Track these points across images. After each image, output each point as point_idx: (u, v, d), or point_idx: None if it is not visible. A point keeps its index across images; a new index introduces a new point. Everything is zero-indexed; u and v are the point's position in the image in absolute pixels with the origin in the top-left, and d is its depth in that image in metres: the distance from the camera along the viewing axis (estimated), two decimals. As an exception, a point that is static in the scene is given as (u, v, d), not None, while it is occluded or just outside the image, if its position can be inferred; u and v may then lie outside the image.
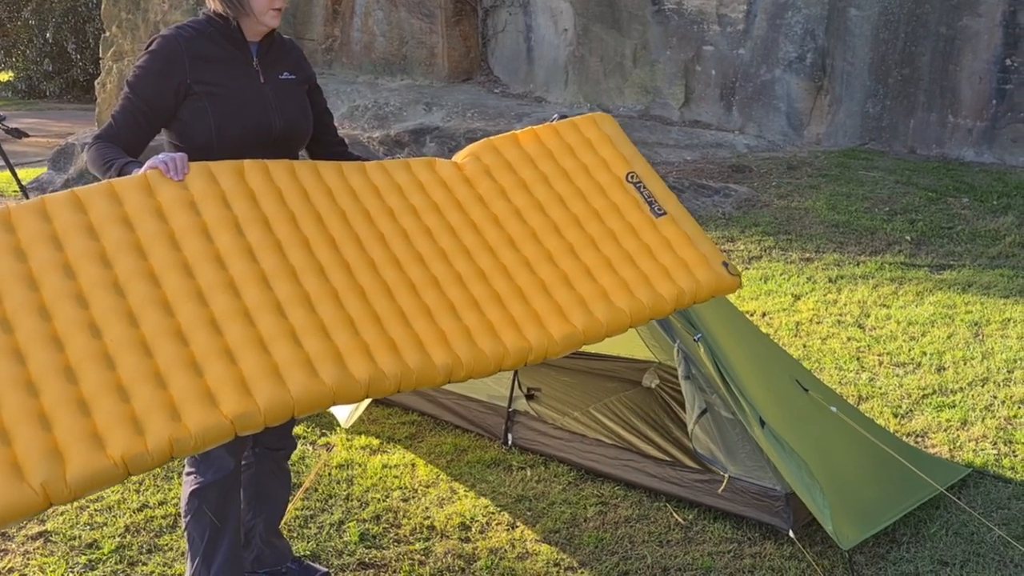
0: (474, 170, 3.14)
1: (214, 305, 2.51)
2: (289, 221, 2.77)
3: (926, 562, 3.58)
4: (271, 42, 3.07)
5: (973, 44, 9.73)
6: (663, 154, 10.34)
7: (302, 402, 2.39)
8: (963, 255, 7.53)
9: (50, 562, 3.57)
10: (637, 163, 3.28)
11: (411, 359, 2.56)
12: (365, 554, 3.64)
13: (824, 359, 5.53)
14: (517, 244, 2.99)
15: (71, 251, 2.53)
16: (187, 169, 2.73)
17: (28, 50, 23.30)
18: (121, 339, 2.38)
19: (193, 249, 2.61)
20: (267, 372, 2.40)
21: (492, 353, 2.69)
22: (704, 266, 3.06)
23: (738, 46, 10.93)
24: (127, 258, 2.54)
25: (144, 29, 13.48)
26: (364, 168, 3.02)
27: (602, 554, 3.65)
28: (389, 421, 4.75)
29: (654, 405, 4.47)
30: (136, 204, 2.66)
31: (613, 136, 3.33)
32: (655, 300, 2.94)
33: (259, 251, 2.66)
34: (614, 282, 2.95)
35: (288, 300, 2.58)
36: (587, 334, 2.83)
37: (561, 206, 3.11)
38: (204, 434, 2.28)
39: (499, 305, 2.81)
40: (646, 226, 3.11)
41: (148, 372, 2.33)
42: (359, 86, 12.46)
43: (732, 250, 7.75)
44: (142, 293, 2.48)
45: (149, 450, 2.22)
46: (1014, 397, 5.00)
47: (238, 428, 2.32)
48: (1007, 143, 9.78)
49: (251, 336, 2.47)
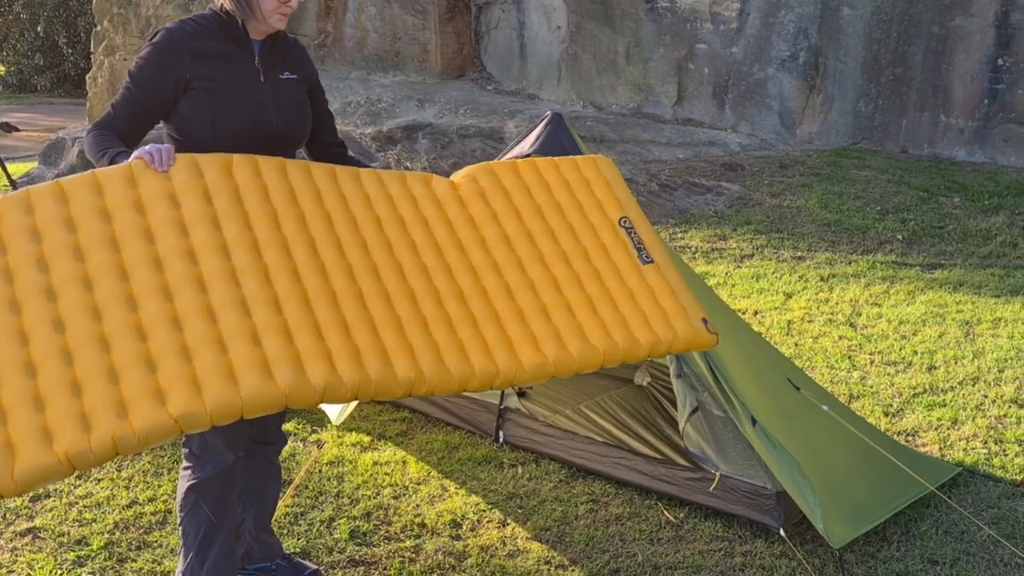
0: (469, 191, 3.15)
1: (179, 301, 2.52)
2: (270, 220, 2.76)
3: (916, 561, 3.58)
4: (275, 41, 3.08)
5: (965, 44, 9.75)
6: (655, 152, 10.34)
7: (251, 404, 2.39)
8: (954, 254, 7.55)
9: (39, 559, 3.55)
10: (631, 209, 3.30)
11: (373, 368, 2.55)
12: (355, 551, 3.63)
13: (815, 357, 5.54)
14: (501, 269, 3.01)
15: (47, 244, 2.55)
16: (172, 161, 2.74)
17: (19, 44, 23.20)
18: (83, 335, 2.40)
19: (167, 243, 2.62)
20: (220, 372, 2.39)
21: (458, 373, 2.70)
22: (683, 319, 3.06)
23: (731, 44, 10.94)
24: (100, 252, 2.56)
25: (136, 24, 13.43)
26: (358, 174, 3.03)
27: (593, 552, 3.65)
28: (380, 418, 4.74)
29: (645, 403, 4.47)
30: (116, 196, 2.67)
31: (611, 180, 3.35)
32: (630, 344, 2.95)
33: (233, 248, 2.66)
34: (592, 321, 2.97)
35: (254, 299, 2.57)
36: (557, 367, 2.84)
37: (550, 239, 3.13)
38: (148, 433, 2.29)
39: (472, 326, 2.82)
40: (631, 271, 3.13)
41: (103, 369, 2.35)
42: (352, 82, 12.44)
43: (724, 248, 7.76)
44: (110, 288, 2.50)
45: (92, 448, 2.24)
46: (1004, 396, 5.01)
47: (183, 427, 2.33)
48: (999, 143, 9.81)
49: (211, 334, 2.47)
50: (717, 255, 7.61)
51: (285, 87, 3.07)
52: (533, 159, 3.38)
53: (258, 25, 2.99)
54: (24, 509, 3.87)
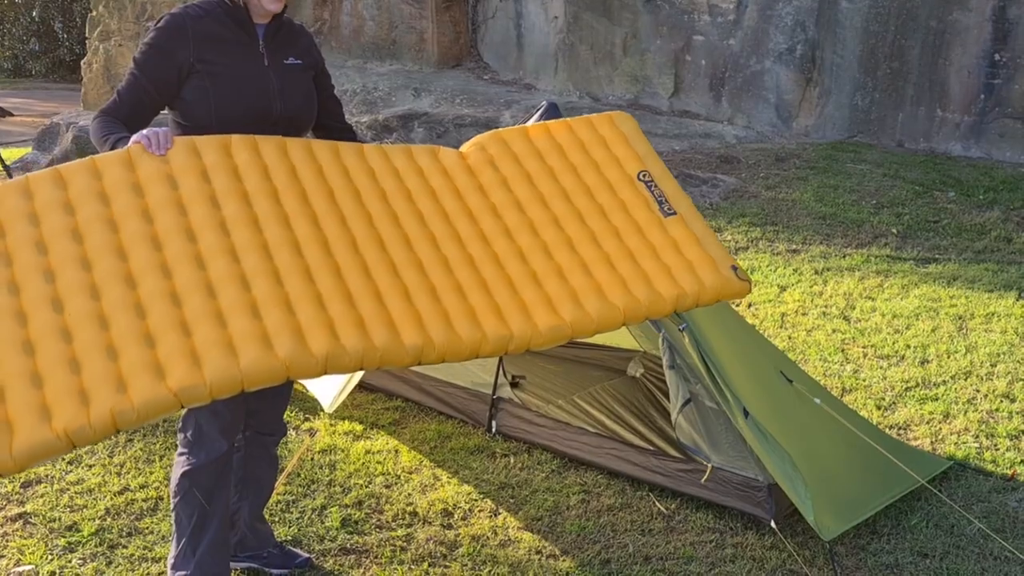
0: (477, 159, 3.09)
1: (177, 278, 2.51)
2: (270, 196, 2.75)
3: (906, 554, 3.59)
4: (279, 26, 3.10)
5: (963, 38, 9.74)
6: (652, 143, 10.32)
7: (251, 376, 2.38)
8: (949, 249, 7.56)
9: (29, 544, 3.54)
10: (651, 162, 3.20)
11: (378, 337, 2.53)
12: (347, 540, 3.64)
13: (809, 350, 5.54)
14: (512, 234, 2.94)
15: (46, 227, 2.55)
16: (170, 144, 2.77)
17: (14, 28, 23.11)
18: (80, 313, 2.40)
19: (164, 222, 2.62)
20: (220, 344, 2.39)
21: (468, 338, 2.65)
22: (711, 268, 2.96)
23: (728, 36, 10.92)
24: (98, 233, 2.56)
25: (131, 9, 13.37)
26: (361, 149, 3.01)
27: (584, 542, 3.65)
28: (373, 407, 4.73)
29: (638, 394, 4.47)
30: (114, 179, 2.68)
31: (629, 134, 3.26)
32: (653, 299, 2.86)
33: (232, 225, 2.65)
34: (611, 278, 2.88)
35: (254, 273, 2.56)
36: (575, 328, 2.77)
37: (564, 200, 3.05)
38: (147, 407, 2.28)
39: (484, 292, 2.77)
40: (653, 225, 3.03)
41: (102, 345, 2.35)
42: (348, 70, 12.40)
43: (719, 240, 7.75)
44: (107, 267, 2.50)
45: (91, 423, 2.24)
46: (996, 391, 5.02)
47: (183, 400, 2.32)
48: (994, 138, 9.80)
49: (210, 308, 2.46)
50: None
51: (289, 72, 3.09)
52: (545, 123, 3.29)
53: (257, 8, 3.01)
54: (15, 495, 3.87)
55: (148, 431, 4.39)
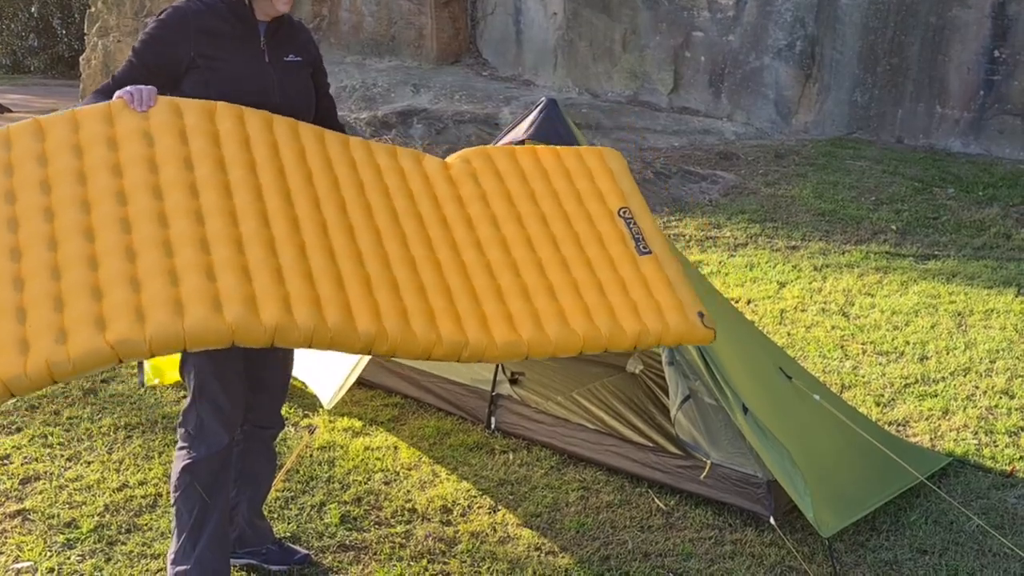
0: (460, 171, 3.11)
1: (136, 233, 2.51)
2: (247, 166, 2.74)
3: (905, 550, 3.59)
4: (280, 23, 3.11)
5: (962, 35, 9.74)
6: (651, 140, 10.32)
7: (194, 335, 2.36)
8: (948, 245, 7.56)
9: (28, 540, 3.54)
10: (634, 200, 3.22)
11: (331, 318, 2.51)
12: (346, 536, 3.63)
13: (808, 347, 5.54)
14: (483, 247, 2.95)
15: (17, 178, 2.58)
16: (153, 102, 2.78)
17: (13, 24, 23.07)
18: (36, 263, 2.42)
19: (133, 178, 2.61)
20: (166, 302, 2.38)
21: (423, 337, 2.64)
22: (677, 311, 2.98)
23: (728, 33, 10.91)
24: (66, 185, 2.57)
25: (130, 5, 13.35)
26: (347, 140, 3.01)
27: (583, 539, 3.66)
28: (372, 403, 4.73)
29: (637, 391, 4.47)
30: (91, 132, 2.69)
31: (616, 171, 3.28)
32: (614, 332, 2.88)
33: (202, 187, 2.65)
34: (575, 305, 2.90)
35: (216, 238, 2.55)
36: (532, 347, 2.78)
37: (541, 223, 3.07)
38: (83, 359, 2.28)
39: (446, 297, 2.77)
40: (626, 261, 3.06)
41: (51, 296, 2.36)
42: (347, 66, 12.39)
43: (718, 237, 7.75)
44: (69, 220, 2.51)
45: (27, 372, 2.25)
46: (995, 387, 5.02)
47: (120, 353, 2.31)
48: (994, 134, 9.80)
49: (164, 266, 2.45)
50: (711, 244, 7.60)
51: (289, 69, 3.11)
52: (534, 146, 3.31)
53: (264, 7, 3.03)
54: (14, 491, 3.87)
55: (147, 428, 4.39)
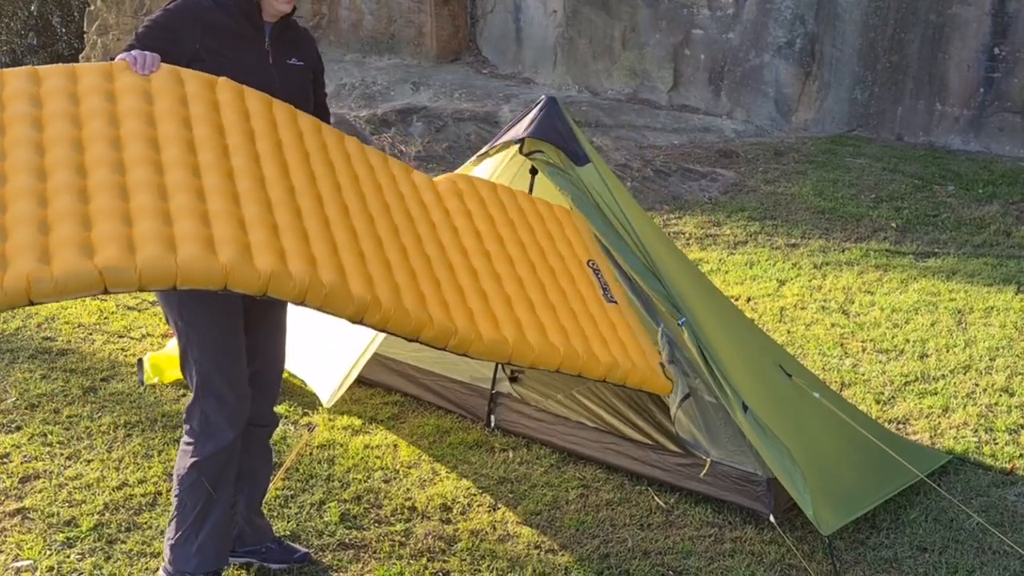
0: (447, 188, 3.23)
1: (131, 175, 2.47)
2: (245, 134, 2.74)
3: (905, 548, 3.59)
4: (285, 25, 3.15)
5: (962, 32, 9.73)
6: (651, 138, 10.31)
7: (186, 272, 2.32)
8: (948, 243, 7.55)
9: (27, 539, 3.54)
10: (597, 257, 3.44)
11: (326, 276, 2.51)
12: (345, 535, 3.63)
13: (808, 345, 5.54)
14: (469, 253, 3.03)
15: (8, 113, 2.52)
16: (156, 68, 2.77)
17: (12, 23, 23.03)
18: (22, 188, 2.36)
19: (130, 127, 2.59)
20: (159, 238, 2.34)
21: (415, 316, 2.66)
22: (642, 356, 3.14)
23: (727, 30, 10.90)
24: (59, 124, 2.53)
25: (129, 3, 13.34)
26: (343, 137, 3.07)
27: (583, 537, 3.65)
28: (372, 401, 4.73)
29: (637, 389, 4.47)
30: (89, 83, 2.66)
31: (583, 231, 3.50)
32: (589, 357, 2.98)
33: (201, 145, 2.63)
34: (553, 323, 2.99)
35: (213, 190, 2.53)
36: (515, 350, 2.84)
37: (520, 248, 3.18)
38: (67, 278, 2.22)
39: (434, 286, 2.81)
40: (595, 303, 3.21)
41: (35, 219, 2.30)
42: (347, 64, 12.38)
43: (718, 235, 7.75)
44: (61, 154, 2.46)
45: (4, 286, 2.18)
46: (995, 385, 5.02)
47: (108, 281, 2.25)
48: (994, 132, 9.80)
49: (158, 208, 2.41)
50: (711, 241, 7.60)
51: (291, 72, 3.14)
52: (510, 188, 3.48)
53: (270, 7, 3.05)
54: (13, 490, 3.86)
55: (147, 426, 4.38)
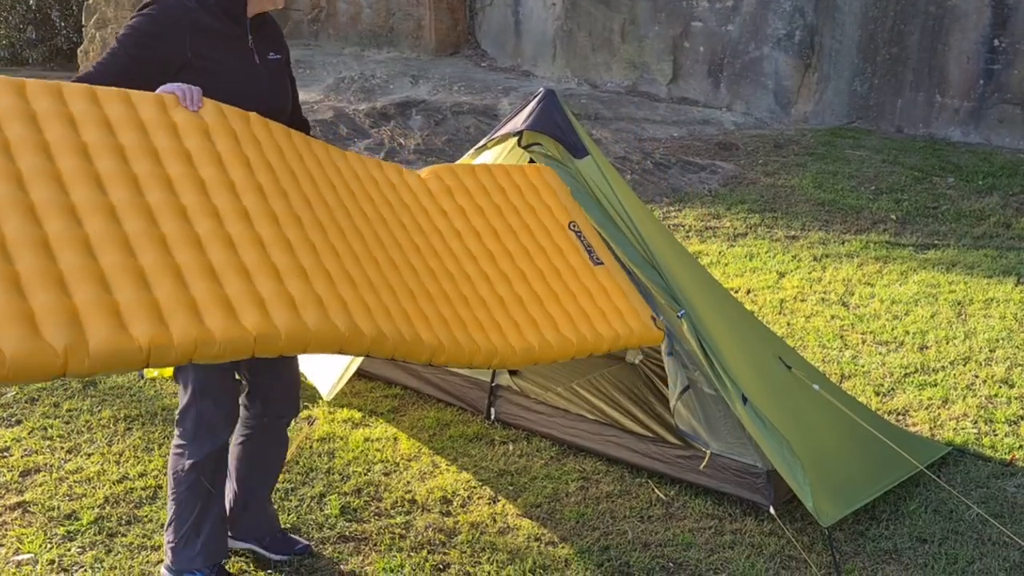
0: (437, 187, 3.34)
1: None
2: (287, 173, 2.86)
3: (905, 539, 3.60)
4: (263, 20, 3.07)
5: (962, 24, 9.71)
6: (650, 130, 10.30)
7: (319, 336, 2.51)
8: (948, 235, 7.55)
9: (28, 533, 3.54)
10: (577, 214, 3.56)
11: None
12: (346, 527, 3.64)
13: (807, 337, 5.54)
14: (478, 260, 3.21)
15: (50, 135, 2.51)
16: (201, 103, 2.78)
17: (11, 17, 22.98)
18: (98, 236, 2.39)
19: (208, 173, 2.67)
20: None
21: (467, 346, 2.86)
22: (635, 317, 3.34)
23: (727, 22, 10.88)
24: (139, 165, 2.58)
25: (128, -3, 13.31)
26: (346, 156, 3.15)
27: (583, 529, 3.66)
28: (372, 395, 4.73)
29: (637, 381, 4.47)
30: (149, 114, 2.69)
31: (556, 187, 3.60)
32: (595, 337, 3.19)
33: (270, 194, 2.74)
34: (561, 313, 3.22)
35: (299, 244, 2.68)
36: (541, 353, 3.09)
37: (512, 236, 3.35)
38: (184, 345, 2.29)
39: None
40: (585, 271, 3.38)
41: (133, 271, 2.35)
42: (345, 58, 12.36)
43: (717, 227, 7.74)
44: (125, 198, 2.50)
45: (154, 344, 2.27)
46: (995, 376, 5.02)
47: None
48: (993, 123, 9.79)
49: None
50: (710, 234, 7.59)
51: (274, 67, 3.09)
52: (486, 164, 3.59)
53: (258, 2, 2.98)
54: (14, 484, 3.87)
55: (147, 420, 4.39)
